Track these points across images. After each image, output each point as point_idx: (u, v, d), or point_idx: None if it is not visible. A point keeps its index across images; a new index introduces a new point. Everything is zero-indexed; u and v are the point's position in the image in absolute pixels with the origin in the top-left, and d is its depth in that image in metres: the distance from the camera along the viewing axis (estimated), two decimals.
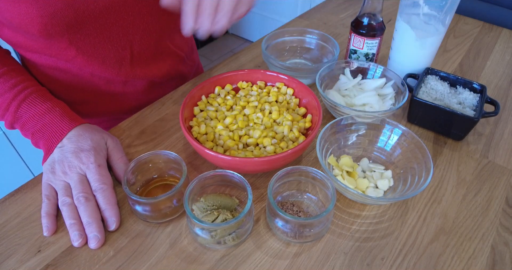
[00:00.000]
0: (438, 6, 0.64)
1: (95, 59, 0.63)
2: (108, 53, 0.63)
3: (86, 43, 0.60)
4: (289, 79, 0.63)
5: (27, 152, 1.43)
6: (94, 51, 0.62)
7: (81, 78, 0.67)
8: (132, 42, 0.64)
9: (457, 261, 0.47)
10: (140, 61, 0.68)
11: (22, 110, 0.56)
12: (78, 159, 0.51)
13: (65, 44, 0.58)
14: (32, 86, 0.58)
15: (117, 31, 0.61)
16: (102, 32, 0.60)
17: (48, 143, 0.54)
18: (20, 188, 0.55)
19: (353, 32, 0.71)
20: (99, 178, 0.50)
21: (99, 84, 0.68)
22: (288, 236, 0.48)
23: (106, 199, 0.49)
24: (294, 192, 0.54)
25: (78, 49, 0.60)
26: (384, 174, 0.56)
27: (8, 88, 0.56)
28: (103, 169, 0.52)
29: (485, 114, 0.60)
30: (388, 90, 0.66)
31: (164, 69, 0.74)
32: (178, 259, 0.47)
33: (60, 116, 0.55)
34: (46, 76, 0.66)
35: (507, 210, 0.53)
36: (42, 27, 0.53)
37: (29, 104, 0.56)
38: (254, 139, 0.55)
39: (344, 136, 0.59)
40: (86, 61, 0.62)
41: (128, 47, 0.65)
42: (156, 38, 0.68)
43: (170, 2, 0.46)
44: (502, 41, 0.91)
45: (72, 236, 0.47)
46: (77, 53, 0.60)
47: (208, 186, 0.52)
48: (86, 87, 0.68)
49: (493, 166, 0.60)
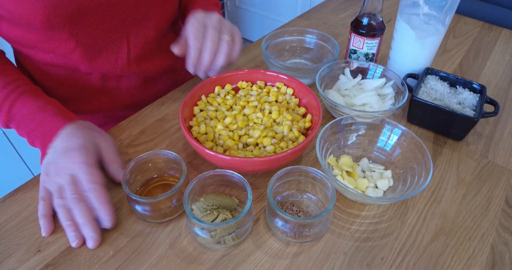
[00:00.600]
0: (438, 6, 0.64)
1: (93, 51, 0.63)
2: (106, 45, 0.64)
3: (85, 34, 0.61)
4: (289, 79, 0.63)
5: (27, 151, 1.43)
6: (93, 43, 0.62)
7: (76, 74, 0.67)
8: (129, 34, 0.65)
9: (457, 261, 0.47)
10: (136, 54, 0.69)
11: (15, 109, 0.56)
12: (68, 159, 0.51)
13: (66, 35, 0.59)
14: (24, 85, 0.58)
15: (116, 23, 0.62)
16: (101, 24, 0.61)
17: (42, 143, 0.54)
18: (19, 188, 0.55)
19: (353, 32, 0.71)
20: (90, 178, 0.49)
21: (95, 80, 0.69)
22: (288, 236, 0.48)
23: (98, 198, 0.49)
24: (294, 192, 0.54)
25: (77, 41, 0.61)
26: (384, 174, 0.56)
27: (1, 87, 0.56)
28: (93, 168, 0.51)
29: (485, 114, 0.60)
30: (388, 90, 0.66)
31: (159, 63, 0.74)
32: (178, 259, 0.47)
33: (53, 114, 0.55)
34: (42, 72, 0.66)
35: (506, 210, 0.53)
36: (44, 17, 0.54)
37: (21, 103, 0.56)
38: (254, 139, 0.55)
39: (344, 136, 0.59)
40: (84, 53, 0.63)
41: (125, 39, 0.65)
42: (153, 31, 0.69)
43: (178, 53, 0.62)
44: (502, 41, 0.91)
45: (69, 237, 0.48)
46: (76, 45, 0.61)
47: (208, 186, 0.52)
48: (82, 83, 0.69)
49: (492, 166, 0.60)
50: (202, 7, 0.66)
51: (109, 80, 0.70)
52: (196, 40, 0.60)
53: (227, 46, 0.61)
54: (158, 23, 0.69)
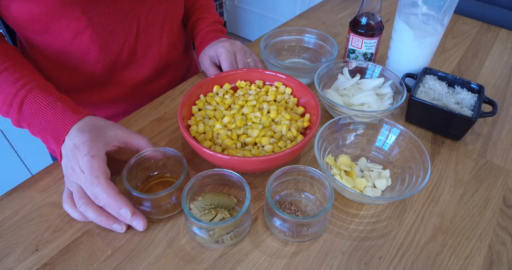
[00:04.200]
0: (437, 6, 0.64)
1: (103, 31, 0.64)
2: (116, 26, 0.65)
3: (97, 13, 0.62)
4: (287, 78, 0.63)
5: (25, 150, 1.43)
6: (103, 22, 0.63)
7: (84, 64, 0.67)
8: (139, 17, 0.67)
9: (455, 261, 0.48)
10: (144, 39, 0.70)
11: (25, 106, 0.54)
12: (75, 157, 0.50)
13: (78, 13, 0.60)
14: (34, 81, 0.56)
15: (127, 5, 0.64)
16: (113, 4, 0.62)
17: (55, 141, 0.53)
18: (17, 187, 0.55)
19: (351, 31, 0.71)
20: (90, 171, 0.48)
21: (102, 69, 0.69)
22: (286, 235, 0.48)
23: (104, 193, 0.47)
24: (292, 191, 0.54)
25: (89, 20, 0.61)
26: (382, 174, 0.56)
27: (11, 82, 0.55)
28: (95, 160, 0.48)
29: (483, 114, 0.60)
30: (386, 89, 0.67)
31: (164, 54, 0.75)
32: (176, 258, 0.47)
33: (63, 110, 0.54)
34: (49, 61, 0.67)
35: (504, 209, 0.54)
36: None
37: (31, 100, 0.54)
38: (252, 138, 0.55)
39: (342, 136, 0.59)
40: (95, 33, 0.63)
41: (135, 22, 0.67)
42: (161, 18, 0.71)
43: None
44: (500, 41, 0.91)
45: (115, 229, 0.48)
46: (87, 24, 0.62)
47: (206, 185, 0.52)
48: (89, 73, 0.69)
49: (490, 166, 0.60)
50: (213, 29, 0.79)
51: (116, 71, 0.71)
52: (232, 66, 0.70)
53: (253, 65, 0.73)
54: (167, 10, 0.71)
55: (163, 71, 0.78)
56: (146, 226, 0.49)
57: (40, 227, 0.49)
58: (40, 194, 0.53)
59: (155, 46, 0.73)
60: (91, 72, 0.69)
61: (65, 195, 0.51)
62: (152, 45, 0.72)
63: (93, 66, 0.68)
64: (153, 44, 0.72)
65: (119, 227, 0.48)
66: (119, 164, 0.57)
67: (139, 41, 0.70)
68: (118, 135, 0.53)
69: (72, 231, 0.49)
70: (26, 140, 1.40)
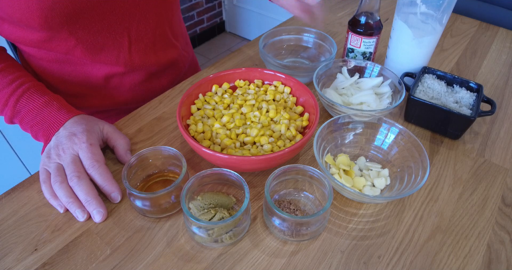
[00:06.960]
0: (436, 5, 0.64)
1: (94, 47, 0.64)
2: (107, 41, 0.65)
3: (85, 32, 0.61)
4: (286, 78, 0.63)
5: (24, 150, 1.43)
6: (93, 39, 0.63)
7: (79, 71, 0.68)
8: (129, 29, 0.66)
9: (453, 259, 0.48)
10: (138, 48, 0.70)
11: (20, 105, 0.57)
12: (71, 141, 0.53)
13: (65, 34, 0.60)
14: (29, 82, 0.59)
15: (115, 19, 0.63)
16: (100, 21, 0.62)
17: (46, 134, 0.55)
18: (16, 187, 0.55)
19: (350, 31, 0.71)
20: (91, 156, 0.52)
21: (98, 77, 0.69)
22: (285, 235, 0.48)
23: (102, 175, 0.51)
24: (291, 191, 0.54)
25: (77, 39, 0.61)
26: (381, 173, 0.56)
27: (6, 83, 0.57)
28: (94, 148, 0.53)
29: (481, 113, 0.60)
30: (385, 89, 0.67)
31: (161, 58, 0.75)
32: (175, 257, 0.47)
33: (57, 109, 0.57)
34: (45, 70, 0.67)
35: (503, 208, 0.54)
36: (42, 20, 0.55)
37: (27, 99, 0.57)
38: (251, 137, 0.55)
39: (341, 135, 0.59)
40: (86, 49, 0.64)
41: (126, 35, 0.66)
42: (153, 25, 0.70)
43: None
44: (498, 41, 0.91)
45: (76, 214, 0.49)
46: (76, 43, 0.62)
47: (205, 185, 0.52)
48: (85, 80, 0.69)
49: (489, 165, 0.60)
50: None
51: (112, 77, 0.71)
52: None
53: None
54: (158, 17, 0.70)
55: (162, 71, 0.78)
56: (103, 220, 0.50)
57: (39, 227, 0.49)
58: (39, 194, 0.53)
59: (150, 52, 0.72)
60: (87, 81, 0.70)
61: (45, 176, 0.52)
62: (147, 52, 0.72)
63: (90, 73, 0.69)
64: (148, 51, 0.72)
65: (81, 214, 0.49)
66: (119, 163, 0.58)
67: (132, 51, 0.69)
68: (105, 130, 0.57)
69: (71, 231, 0.49)
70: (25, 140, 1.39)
